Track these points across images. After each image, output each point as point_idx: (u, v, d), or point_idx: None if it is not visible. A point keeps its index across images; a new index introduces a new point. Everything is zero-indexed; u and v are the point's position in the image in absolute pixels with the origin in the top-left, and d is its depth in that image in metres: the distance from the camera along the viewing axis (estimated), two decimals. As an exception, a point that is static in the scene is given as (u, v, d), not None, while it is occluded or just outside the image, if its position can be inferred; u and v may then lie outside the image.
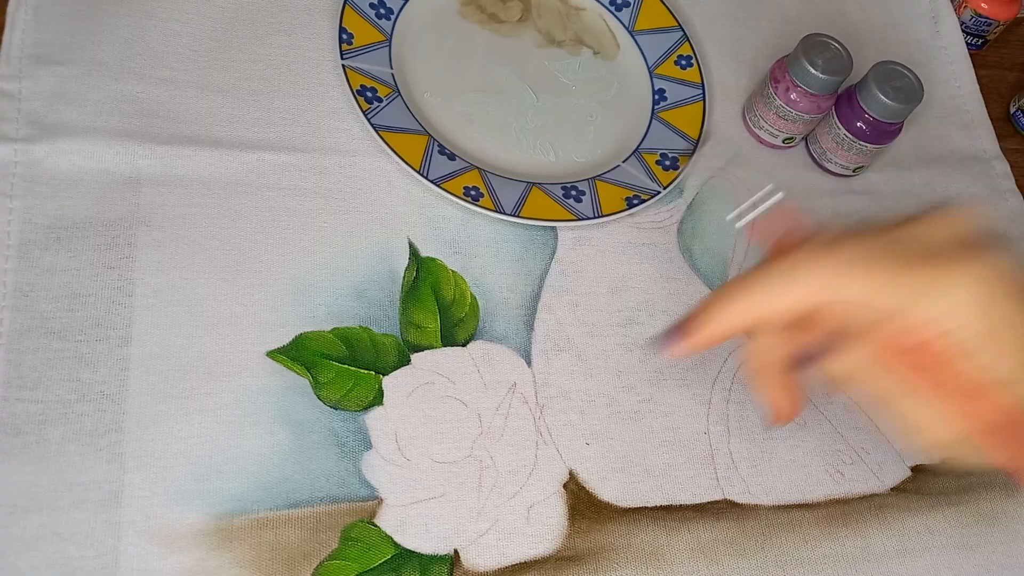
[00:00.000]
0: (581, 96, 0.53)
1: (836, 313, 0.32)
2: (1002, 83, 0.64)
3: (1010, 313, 0.30)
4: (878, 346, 0.32)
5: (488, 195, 0.47)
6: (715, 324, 0.33)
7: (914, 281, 0.30)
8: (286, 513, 0.38)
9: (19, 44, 0.45)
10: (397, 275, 0.45)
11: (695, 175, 0.52)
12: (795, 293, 0.32)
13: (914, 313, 0.30)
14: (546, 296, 0.46)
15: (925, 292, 0.30)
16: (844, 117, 0.51)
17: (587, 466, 0.42)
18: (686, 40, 0.55)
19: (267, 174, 0.45)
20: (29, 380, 0.38)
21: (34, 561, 0.35)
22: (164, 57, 0.47)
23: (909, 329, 0.31)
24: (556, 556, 0.40)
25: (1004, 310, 0.30)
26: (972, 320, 0.30)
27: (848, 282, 0.31)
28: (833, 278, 0.31)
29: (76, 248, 0.41)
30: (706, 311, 0.34)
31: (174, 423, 0.39)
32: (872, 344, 0.32)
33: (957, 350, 0.30)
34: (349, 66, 0.48)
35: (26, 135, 0.43)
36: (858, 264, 0.31)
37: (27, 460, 0.37)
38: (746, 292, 0.32)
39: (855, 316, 0.31)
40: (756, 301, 0.32)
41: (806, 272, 0.31)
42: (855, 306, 0.31)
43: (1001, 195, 0.56)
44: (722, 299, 0.33)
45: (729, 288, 0.33)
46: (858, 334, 0.32)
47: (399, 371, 0.42)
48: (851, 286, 0.31)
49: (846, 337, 0.32)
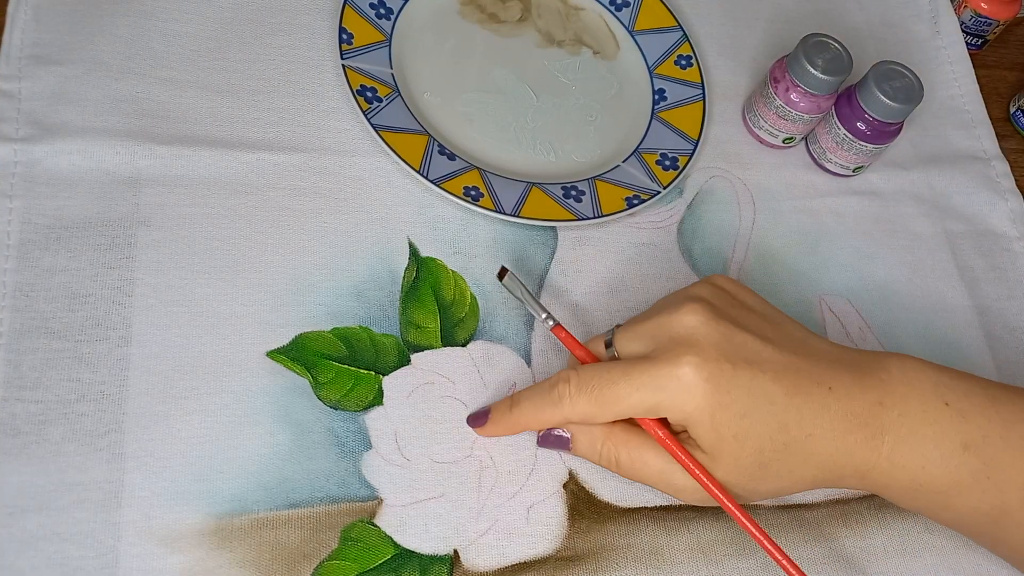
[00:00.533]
0: (581, 96, 0.53)
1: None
2: (1002, 83, 0.64)
3: (714, 396, 0.36)
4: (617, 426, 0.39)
5: (488, 195, 0.47)
6: (501, 429, 0.41)
7: (644, 388, 0.36)
8: (286, 513, 0.38)
9: (19, 44, 0.45)
10: (397, 275, 0.45)
11: (695, 175, 0.52)
12: (564, 415, 0.38)
13: (650, 407, 0.36)
14: (546, 296, 0.46)
15: (654, 390, 0.36)
16: (844, 117, 0.51)
17: (587, 466, 0.42)
18: (686, 40, 0.55)
19: (267, 174, 0.45)
20: (29, 380, 0.38)
21: (34, 561, 0.35)
22: (164, 57, 0.47)
23: (650, 416, 0.37)
24: (556, 556, 0.40)
25: (706, 395, 0.36)
26: (687, 406, 0.36)
27: (611, 408, 0.37)
28: (598, 402, 0.37)
29: (76, 248, 0.41)
30: (499, 414, 0.40)
31: (174, 423, 0.39)
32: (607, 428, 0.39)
33: (681, 428, 0.38)
34: (349, 66, 0.48)
35: (26, 135, 0.43)
36: (614, 385, 0.37)
37: (27, 460, 0.37)
38: (528, 409, 0.39)
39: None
40: (532, 419, 0.39)
41: (567, 405, 0.38)
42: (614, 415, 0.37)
43: (1001, 195, 0.56)
44: (512, 408, 0.40)
45: (520, 400, 0.40)
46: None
47: (399, 371, 0.42)
48: (609, 413, 0.37)
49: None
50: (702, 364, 0.35)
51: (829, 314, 0.50)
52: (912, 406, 0.37)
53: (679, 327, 0.37)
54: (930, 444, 0.37)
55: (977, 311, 0.52)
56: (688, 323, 0.37)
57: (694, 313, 0.37)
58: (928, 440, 0.37)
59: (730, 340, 0.36)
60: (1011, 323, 0.52)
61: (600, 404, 0.37)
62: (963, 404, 0.37)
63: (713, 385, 0.35)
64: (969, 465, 0.37)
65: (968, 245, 0.54)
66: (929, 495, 0.37)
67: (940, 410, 0.37)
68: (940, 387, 0.38)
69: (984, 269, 0.54)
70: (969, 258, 0.54)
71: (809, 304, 0.50)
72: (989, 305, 0.53)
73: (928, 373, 0.38)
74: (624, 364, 0.37)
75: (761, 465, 0.37)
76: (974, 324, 0.52)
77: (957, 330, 0.51)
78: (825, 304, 0.50)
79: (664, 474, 0.38)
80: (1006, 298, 0.53)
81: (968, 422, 0.37)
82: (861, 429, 0.37)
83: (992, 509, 0.37)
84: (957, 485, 0.37)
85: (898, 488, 0.38)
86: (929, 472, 0.37)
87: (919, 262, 0.53)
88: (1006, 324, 0.52)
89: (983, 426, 0.37)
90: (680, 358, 0.36)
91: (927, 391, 0.37)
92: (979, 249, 0.54)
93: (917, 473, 0.37)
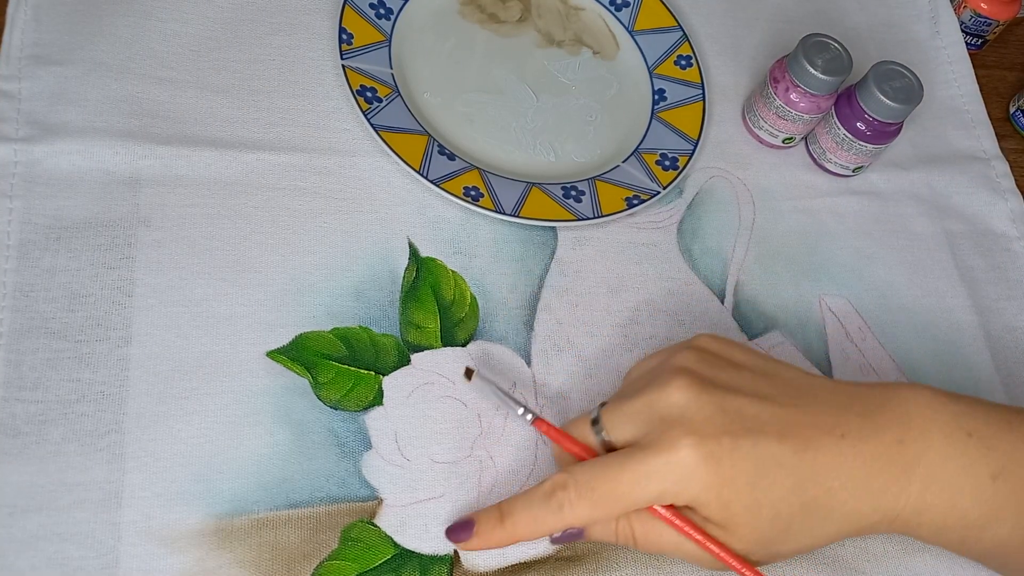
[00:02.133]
0: (581, 96, 0.53)
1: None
2: (1002, 83, 0.64)
3: (717, 474, 0.34)
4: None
5: (488, 195, 0.47)
6: (493, 542, 0.37)
7: (644, 480, 0.34)
8: (286, 513, 0.38)
9: (19, 44, 0.45)
10: (397, 275, 0.45)
11: (695, 175, 0.52)
12: (566, 523, 0.36)
13: (654, 497, 0.35)
14: (546, 296, 0.46)
15: (655, 481, 0.34)
16: (844, 117, 0.51)
17: (587, 466, 0.42)
18: (686, 40, 0.55)
19: (267, 174, 0.45)
20: (29, 380, 0.38)
21: (34, 561, 0.35)
22: (164, 57, 0.47)
23: (667, 501, 0.35)
24: (556, 556, 0.40)
25: (709, 474, 0.34)
26: (691, 490, 0.34)
27: (614, 510, 0.36)
28: (601, 506, 0.35)
29: (76, 248, 0.41)
30: (488, 527, 0.37)
31: (174, 423, 0.39)
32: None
33: (691, 511, 0.36)
34: (349, 66, 0.48)
35: (26, 135, 0.43)
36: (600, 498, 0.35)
37: (27, 460, 0.37)
38: (524, 520, 0.36)
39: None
40: (530, 531, 0.36)
41: (567, 512, 0.36)
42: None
43: (1001, 195, 0.56)
44: (504, 520, 0.37)
45: (513, 511, 0.37)
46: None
47: (399, 371, 0.42)
48: (613, 513, 0.36)
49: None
50: (699, 443, 0.34)
51: (829, 314, 0.50)
52: (935, 440, 0.35)
53: (668, 406, 0.35)
54: (960, 477, 0.35)
55: (977, 311, 0.52)
56: (677, 401, 0.35)
57: (681, 389, 0.35)
58: (958, 473, 0.35)
59: (724, 410, 0.35)
60: (1011, 323, 0.52)
61: (603, 507, 0.35)
62: (984, 433, 0.36)
63: (715, 463, 0.34)
64: (1000, 493, 0.35)
65: (968, 245, 0.54)
66: (962, 529, 0.36)
67: (964, 442, 0.35)
68: (960, 417, 0.36)
69: (984, 269, 0.54)
70: (969, 258, 0.54)
71: (809, 304, 0.50)
72: (989, 305, 0.53)
73: (945, 404, 0.36)
74: (620, 458, 0.35)
75: (781, 530, 0.35)
76: (974, 324, 0.52)
77: (957, 330, 0.51)
78: (825, 304, 0.50)
79: (680, 546, 0.36)
80: (1006, 298, 0.53)
81: (993, 450, 0.35)
82: (884, 472, 0.35)
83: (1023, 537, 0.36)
84: (989, 515, 0.35)
85: (930, 527, 0.36)
86: (961, 507, 0.35)
87: (919, 262, 0.53)
88: (1006, 324, 0.52)
89: (1008, 453, 0.35)
90: (676, 442, 0.34)
91: (948, 423, 0.36)
92: (979, 249, 0.54)
93: (949, 510, 0.35)
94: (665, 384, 0.36)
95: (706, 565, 0.37)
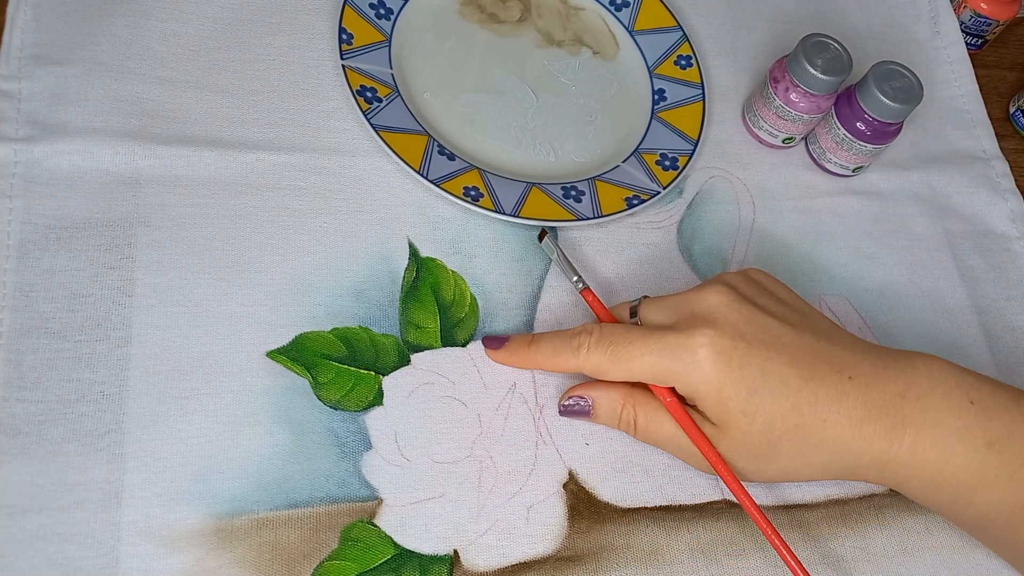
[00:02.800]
0: (581, 96, 0.53)
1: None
2: (1002, 83, 0.64)
3: (724, 372, 0.37)
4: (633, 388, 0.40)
5: (488, 195, 0.47)
6: (515, 360, 0.42)
7: (656, 353, 0.38)
8: (286, 513, 0.38)
9: (19, 44, 0.45)
10: (397, 275, 0.45)
11: (695, 175, 0.52)
12: (578, 363, 0.40)
13: (660, 372, 0.38)
14: (546, 296, 0.46)
15: (665, 356, 0.38)
16: (843, 117, 0.51)
17: (587, 466, 0.42)
18: (686, 40, 0.55)
19: (267, 174, 0.45)
20: (29, 380, 0.38)
21: (34, 561, 0.35)
22: (164, 57, 0.47)
23: (660, 383, 0.39)
24: (556, 556, 0.40)
25: (715, 369, 0.37)
26: (694, 378, 0.37)
27: (622, 366, 0.39)
28: (612, 357, 0.39)
29: (76, 248, 0.41)
30: (517, 346, 0.42)
31: (174, 423, 0.39)
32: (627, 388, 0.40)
33: (689, 400, 0.39)
34: (349, 66, 0.48)
35: (26, 135, 0.43)
36: (633, 344, 0.38)
37: (27, 460, 0.37)
38: (546, 350, 0.41)
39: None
40: (548, 361, 0.41)
41: (582, 355, 0.39)
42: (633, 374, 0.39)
43: (1001, 195, 0.56)
44: (530, 345, 0.41)
45: (540, 340, 0.41)
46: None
47: (399, 371, 0.42)
48: (620, 369, 0.39)
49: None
50: (716, 339, 0.37)
51: (829, 314, 0.50)
52: (936, 401, 0.37)
53: (701, 304, 0.39)
54: (953, 438, 0.37)
55: (977, 311, 0.52)
56: (711, 302, 0.39)
57: (718, 293, 0.39)
58: (952, 434, 0.37)
59: (750, 321, 0.38)
60: (1011, 323, 0.52)
61: (613, 360, 0.38)
62: (987, 403, 0.38)
63: (724, 360, 0.37)
64: (992, 462, 0.37)
65: (968, 245, 0.55)
66: (951, 491, 0.38)
67: (965, 407, 0.37)
68: (965, 385, 0.38)
69: (984, 269, 0.54)
70: (969, 258, 0.54)
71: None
72: (989, 305, 0.53)
73: (953, 372, 0.39)
74: (644, 329, 0.39)
75: (769, 443, 0.37)
76: (974, 324, 0.52)
77: (957, 330, 0.51)
78: (825, 304, 0.50)
79: (676, 438, 0.40)
80: (1006, 298, 0.53)
81: (992, 420, 0.37)
82: (880, 419, 0.37)
83: (1013, 507, 0.37)
84: (980, 481, 0.37)
85: (919, 482, 0.38)
86: (952, 467, 0.37)
87: (919, 262, 0.53)
88: (1006, 324, 0.52)
89: (1007, 425, 0.37)
90: (696, 331, 0.37)
91: (952, 388, 0.38)
92: (979, 249, 0.55)
93: (940, 467, 0.37)
94: (705, 288, 0.40)
95: (694, 463, 0.40)
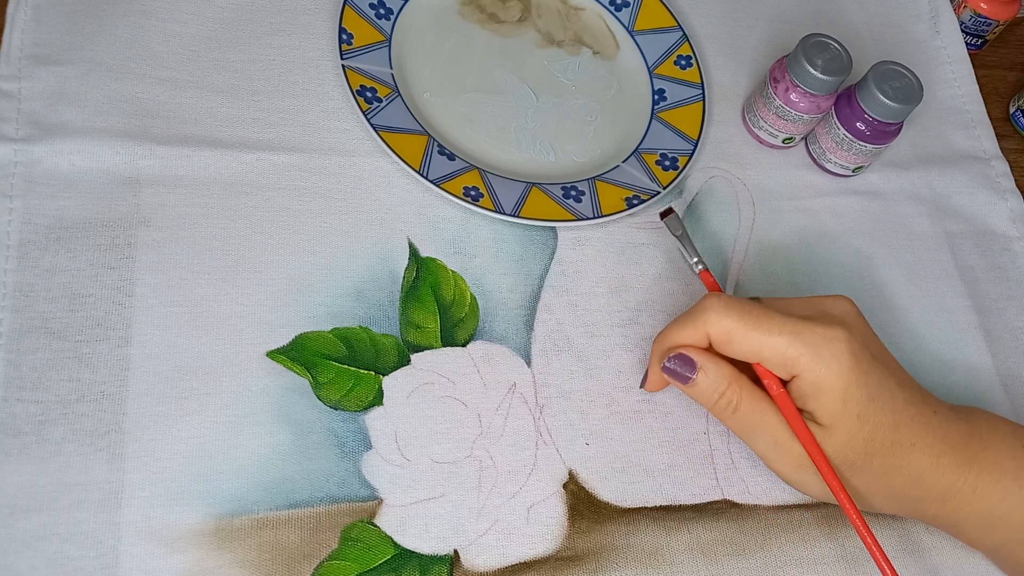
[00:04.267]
0: (581, 96, 0.53)
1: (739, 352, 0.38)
2: (1002, 83, 0.64)
3: (854, 371, 0.37)
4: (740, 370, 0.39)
5: (488, 195, 0.47)
6: (654, 359, 0.41)
7: (792, 335, 0.37)
8: (286, 513, 0.38)
9: (19, 44, 0.45)
10: (397, 275, 0.45)
11: (695, 175, 0.52)
12: (698, 332, 0.39)
13: (791, 357, 0.37)
14: (546, 296, 0.46)
15: (802, 342, 0.37)
16: (843, 117, 0.51)
17: (587, 466, 0.42)
18: (686, 40, 0.55)
19: (267, 174, 0.45)
20: (29, 380, 0.38)
21: (34, 561, 0.35)
22: (164, 57, 0.47)
23: (782, 368, 0.38)
24: (556, 556, 0.40)
25: (849, 367, 0.37)
26: (826, 369, 0.37)
27: (752, 334, 0.38)
28: (748, 324, 0.37)
29: (76, 248, 0.41)
30: (652, 355, 0.41)
31: (174, 423, 0.39)
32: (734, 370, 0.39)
33: (807, 394, 0.38)
34: (349, 66, 0.48)
35: (26, 135, 0.43)
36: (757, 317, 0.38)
37: (27, 460, 0.37)
38: (670, 328, 0.40)
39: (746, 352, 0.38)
40: (675, 334, 0.39)
41: (712, 316, 0.38)
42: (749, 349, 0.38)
43: (1001, 195, 0.56)
44: (660, 334, 0.41)
45: (663, 333, 0.40)
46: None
47: (399, 371, 0.42)
48: (751, 339, 0.38)
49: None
50: (852, 339, 0.37)
51: (829, 314, 0.50)
52: (995, 443, 0.39)
53: (835, 307, 0.40)
54: (1009, 478, 0.39)
55: (977, 311, 0.52)
56: (844, 307, 0.40)
57: (848, 303, 0.40)
58: (1008, 474, 0.39)
59: (873, 336, 0.40)
60: (1011, 323, 0.52)
61: (749, 326, 0.37)
62: None
63: (856, 361, 0.37)
64: None
65: (968, 245, 0.55)
66: (1005, 530, 0.39)
67: (1019, 450, 0.40)
68: (1018, 432, 0.40)
69: (984, 269, 0.54)
70: (969, 258, 0.54)
71: (809, 304, 0.50)
72: (989, 305, 0.53)
73: (1006, 421, 0.41)
74: (783, 313, 0.38)
75: (867, 454, 0.38)
76: (974, 324, 0.52)
77: (957, 330, 0.51)
78: (825, 304, 0.50)
79: (775, 431, 0.39)
80: (1006, 298, 0.53)
81: None
82: (953, 454, 0.38)
83: None
84: None
85: (976, 520, 0.39)
86: (1007, 504, 0.39)
87: (919, 262, 0.53)
88: (1006, 324, 0.52)
89: None
90: (834, 326, 0.37)
91: (1007, 434, 0.40)
92: (979, 249, 0.55)
93: (996, 504, 0.39)
94: (831, 296, 0.40)
95: (782, 466, 0.39)
